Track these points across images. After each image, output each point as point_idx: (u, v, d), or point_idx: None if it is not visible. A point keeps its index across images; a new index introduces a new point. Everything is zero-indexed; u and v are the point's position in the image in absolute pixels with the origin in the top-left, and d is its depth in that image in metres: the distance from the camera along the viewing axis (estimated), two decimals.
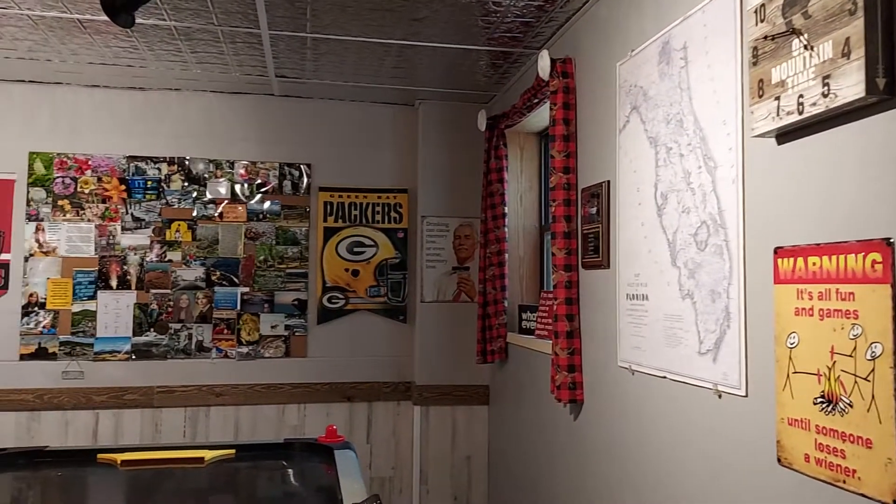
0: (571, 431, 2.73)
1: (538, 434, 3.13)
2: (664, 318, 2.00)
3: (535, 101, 3.08)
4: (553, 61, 2.73)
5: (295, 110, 3.97)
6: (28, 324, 3.63)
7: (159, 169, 3.84)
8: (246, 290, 3.89)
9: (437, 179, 3.98)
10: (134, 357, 3.73)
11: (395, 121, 4.08)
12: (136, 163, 3.80)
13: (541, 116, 3.34)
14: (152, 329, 3.77)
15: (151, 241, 3.81)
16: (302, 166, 3.99)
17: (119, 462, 2.62)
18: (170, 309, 3.80)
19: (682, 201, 1.93)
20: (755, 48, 1.53)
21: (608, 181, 2.42)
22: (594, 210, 2.51)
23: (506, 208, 3.62)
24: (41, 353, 3.63)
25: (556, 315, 2.67)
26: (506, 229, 3.60)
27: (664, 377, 2.01)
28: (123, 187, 3.79)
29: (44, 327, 3.64)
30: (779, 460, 1.50)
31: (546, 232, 3.64)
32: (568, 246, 2.67)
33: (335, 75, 3.56)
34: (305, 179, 3.99)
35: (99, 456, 2.70)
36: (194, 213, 3.86)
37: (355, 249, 4.04)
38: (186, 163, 3.86)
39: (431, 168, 3.98)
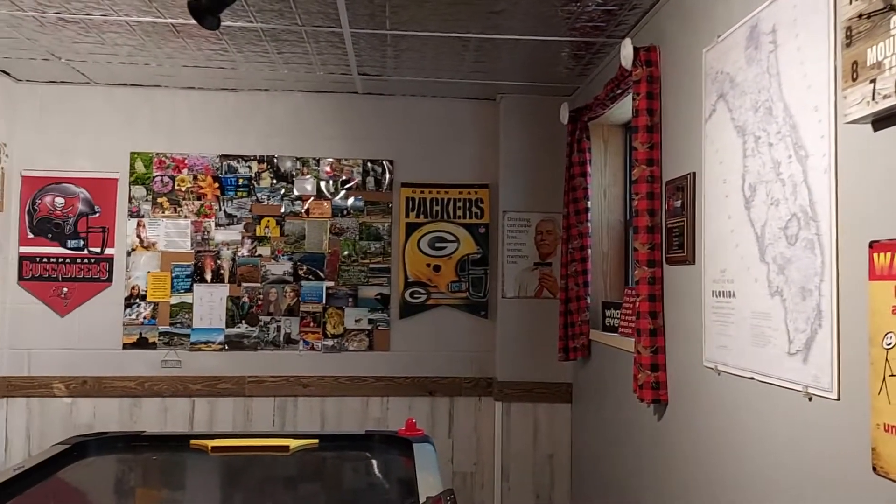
0: (655, 432, 2.65)
1: (622, 433, 3.05)
2: (751, 316, 1.91)
3: (619, 91, 3.00)
4: (636, 50, 2.65)
5: (377, 107, 4.02)
6: (130, 315, 3.85)
7: (250, 167, 3.98)
8: (331, 284, 3.98)
9: (518, 174, 3.94)
10: (227, 348, 3.88)
11: (476, 116, 4.07)
12: (228, 161, 3.96)
13: (625, 108, 3.25)
14: (244, 321, 3.92)
15: (242, 237, 3.95)
16: (385, 163, 4.04)
17: (210, 448, 2.74)
18: (260, 302, 3.94)
19: (771, 193, 1.83)
20: (849, 28, 1.43)
21: (693, 173, 2.32)
22: (679, 203, 2.42)
23: (589, 203, 3.54)
24: (142, 343, 3.84)
25: (639, 312, 2.59)
26: (589, 224, 3.53)
27: (751, 378, 1.91)
28: (217, 185, 3.95)
29: (144, 318, 3.85)
30: (874, 469, 1.40)
31: (630, 227, 3.55)
32: (651, 241, 2.58)
33: (416, 71, 3.58)
34: (388, 176, 4.04)
35: (191, 442, 2.83)
36: (282, 210, 3.98)
37: (437, 245, 4.06)
38: (275, 161, 3.99)
39: (513, 163, 3.95)
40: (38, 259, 3.80)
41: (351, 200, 4.02)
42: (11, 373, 3.71)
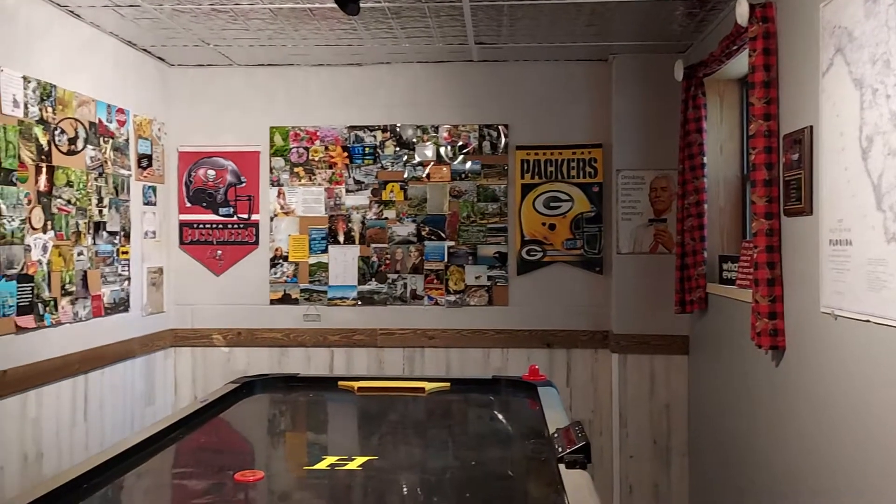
0: (773, 378, 2.75)
1: (739, 382, 3.16)
2: (868, 262, 1.99)
3: (734, 47, 3.04)
4: (752, 6, 2.70)
5: (492, 74, 4.21)
6: (275, 274, 4.27)
7: (375, 136, 4.27)
8: (452, 244, 4.25)
9: (631, 133, 4.04)
10: (360, 303, 4.25)
11: (589, 77, 4.17)
12: (355, 132, 4.27)
13: (741, 62, 3.28)
14: (374, 278, 4.26)
15: (370, 201, 4.27)
16: (500, 127, 4.23)
17: (356, 388, 3.09)
18: (387, 261, 4.26)
19: (888, 144, 1.89)
20: None
21: (810, 126, 2.38)
22: (796, 157, 2.48)
23: (704, 158, 3.60)
24: (286, 299, 4.26)
25: (757, 263, 2.68)
26: (705, 180, 3.60)
27: (867, 321, 2.00)
28: (346, 154, 4.28)
29: (287, 277, 4.27)
30: None
31: (747, 181, 3.58)
32: (769, 194, 2.66)
33: (530, 38, 3.73)
34: (503, 139, 4.23)
35: (339, 383, 3.19)
36: (405, 175, 4.26)
37: (551, 204, 4.23)
38: (397, 129, 4.26)
39: (626, 121, 4.04)
40: (195, 225, 4.28)
41: (468, 164, 4.24)
42: (178, 325, 4.23)
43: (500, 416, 2.93)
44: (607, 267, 4.16)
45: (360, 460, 2.13)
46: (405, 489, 2.00)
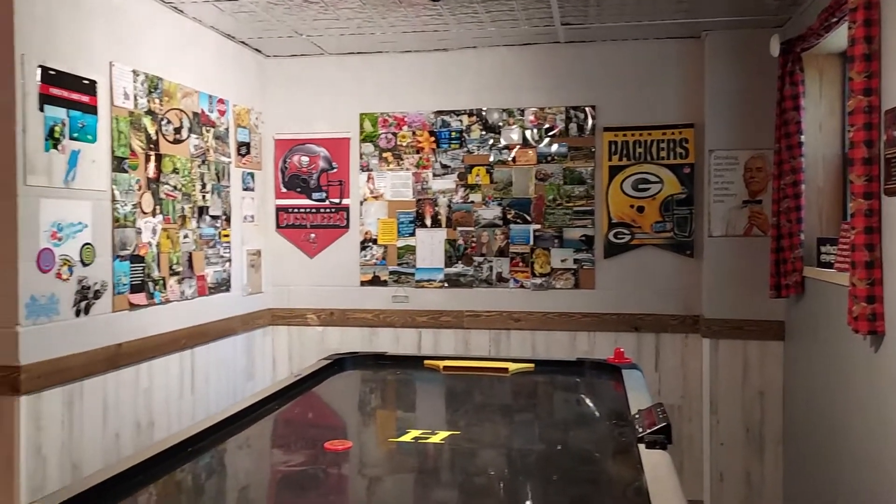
0: (871, 365, 2.64)
1: (837, 369, 3.04)
2: None
3: (834, 20, 2.90)
4: None
5: (578, 55, 4.16)
6: (365, 256, 4.41)
7: (461, 121, 4.32)
8: (537, 227, 4.25)
9: (724, 111, 3.91)
10: (446, 285, 4.33)
11: (680, 55, 4.06)
12: (442, 117, 4.33)
13: (842, 36, 3.12)
14: (460, 261, 4.33)
15: (456, 185, 4.33)
16: (587, 108, 4.19)
17: (441, 367, 3.17)
18: (473, 244, 4.32)
19: None
20: None
21: None
22: None
23: (802, 137, 3.45)
24: (375, 281, 4.40)
25: (855, 245, 2.57)
26: (802, 159, 3.45)
27: None
28: (433, 139, 4.35)
29: (376, 259, 4.40)
30: None
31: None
32: (868, 172, 2.53)
33: (617, 17, 3.67)
34: (590, 121, 4.19)
35: (426, 362, 3.28)
36: (491, 159, 4.29)
37: (640, 186, 4.16)
38: (483, 113, 4.30)
39: (719, 100, 3.92)
40: (290, 210, 4.47)
41: (555, 147, 4.23)
42: (275, 305, 4.45)
43: (584, 398, 2.94)
44: (698, 250, 4.06)
45: (443, 434, 2.20)
46: (484, 461, 2.05)
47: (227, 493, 1.90)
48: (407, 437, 2.19)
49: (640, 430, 2.04)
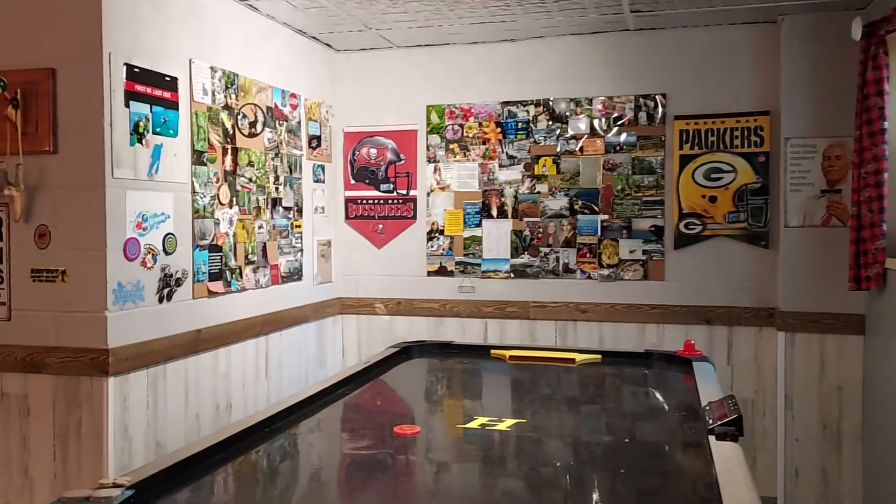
0: None
1: None
2: None
3: None
4: None
5: (648, 43, 4.09)
6: (431, 247, 4.46)
7: (528, 111, 4.31)
8: (605, 217, 4.21)
9: (802, 98, 3.77)
10: (512, 276, 4.33)
11: (754, 40, 3.94)
12: (508, 107, 4.33)
13: None
14: (526, 252, 4.32)
15: (522, 176, 4.33)
16: (657, 97, 4.11)
17: (508, 357, 3.19)
18: (539, 235, 4.31)
19: None
20: None
21: None
22: None
23: (885, 123, 3.30)
24: (442, 271, 4.44)
25: None
26: (885, 146, 3.30)
27: None
28: (499, 130, 4.35)
29: (443, 250, 4.44)
30: None
31: None
32: None
33: (689, 2, 3.59)
34: (660, 109, 4.11)
35: (492, 351, 3.31)
36: (558, 149, 4.27)
37: (712, 175, 4.06)
38: (550, 103, 4.27)
39: (796, 86, 3.78)
40: (358, 201, 4.56)
41: (623, 136, 4.17)
42: (344, 294, 4.55)
43: (652, 390, 2.91)
44: (774, 241, 3.94)
45: (510, 422, 2.23)
46: (551, 451, 2.07)
47: (300, 474, 1.98)
48: (474, 424, 2.22)
49: (711, 421, 2.01)
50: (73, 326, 2.69)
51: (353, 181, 4.56)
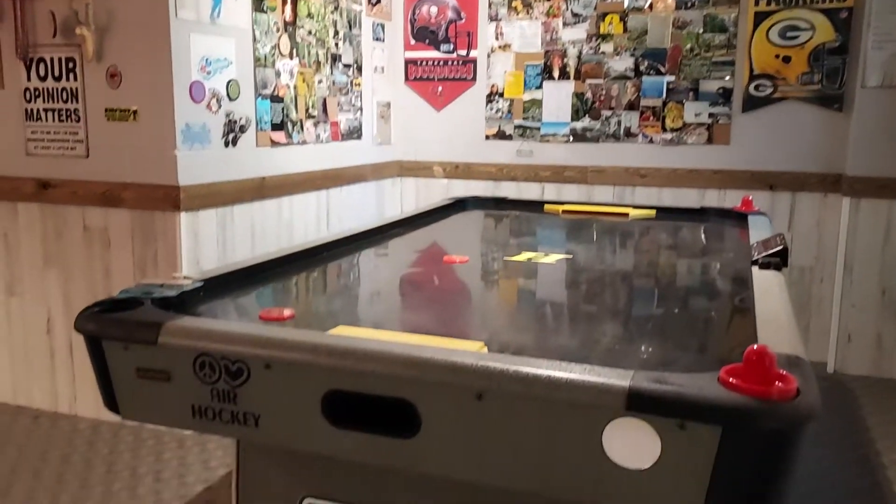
0: None
1: None
2: None
3: None
4: None
5: None
6: (491, 110, 4.44)
7: None
8: (671, 78, 4.07)
9: None
10: (572, 139, 4.29)
11: None
12: None
13: None
14: (587, 115, 4.26)
15: (587, 35, 4.19)
16: None
17: (560, 211, 3.22)
18: (602, 97, 4.22)
19: None
20: None
21: None
22: None
23: None
24: (500, 135, 4.43)
25: None
26: None
27: None
28: None
29: (502, 113, 4.41)
30: None
31: None
32: None
33: None
34: None
35: (545, 206, 3.34)
36: (626, 5, 4.09)
37: (788, 34, 3.85)
38: None
39: None
40: (418, 62, 4.53)
41: None
42: (403, 157, 4.61)
43: (703, 238, 2.91)
44: (848, 103, 3.76)
45: (556, 257, 2.29)
46: (593, 278, 2.13)
47: (353, 287, 2.11)
48: (520, 258, 2.30)
49: (756, 255, 2.02)
50: (145, 164, 2.85)
51: (412, 41, 4.52)
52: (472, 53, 4.41)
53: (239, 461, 1.58)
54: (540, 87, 4.32)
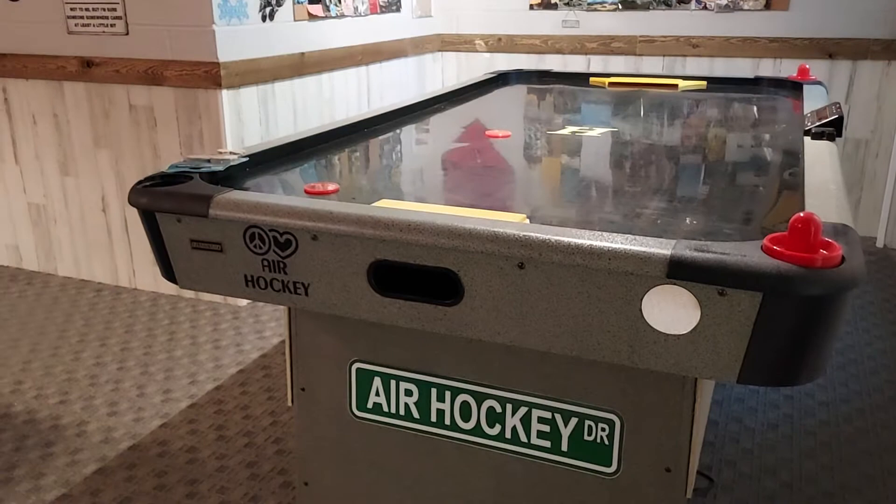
0: None
1: None
2: None
3: None
4: None
5: None
6: None
7: None
8: None
9: None
10: (620, 8, 4.09)
11: None
12: None
13: None
14: None
15: None
16: None
17: (607, 83, 3.13)
18: None
19: None
20: None
21: None
22: None
23: None
24: (546, 4, 4.24)
25: None
26: None
27: None
28: None
29: None
30: None
31: None
32: None
33: None
34: None
35: (591, 79, 3.24)
36: None
37: None
38: None
39: None
40: None
41: None
42: (444, 31, 4.47)
43: (754, 113, 2.81)
44: None
45: (600, 130, 2.25)
46: (639, 150, 2.09)
47: (396, 160, 2.12)
48: (564, 131, 2.26)
49: (809, 125, 1.95)
50: (185, 40, 2.82)
51: None
52: None
53: (291, 328, 1.66)
54: None
